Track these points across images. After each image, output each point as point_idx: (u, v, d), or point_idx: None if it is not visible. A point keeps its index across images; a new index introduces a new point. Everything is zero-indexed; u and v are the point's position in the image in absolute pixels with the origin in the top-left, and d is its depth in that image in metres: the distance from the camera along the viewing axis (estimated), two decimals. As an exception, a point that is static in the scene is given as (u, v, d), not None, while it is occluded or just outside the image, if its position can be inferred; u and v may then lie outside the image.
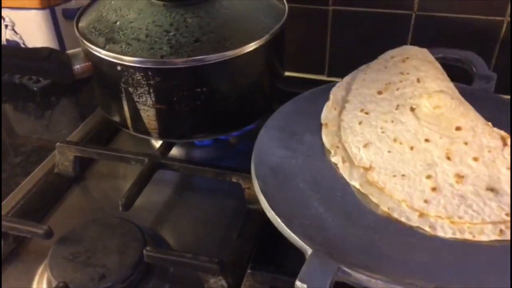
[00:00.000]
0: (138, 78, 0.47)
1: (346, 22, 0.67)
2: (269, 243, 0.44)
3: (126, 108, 0.51)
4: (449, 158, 0.41)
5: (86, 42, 0.49)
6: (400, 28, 0.65)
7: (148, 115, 0.50)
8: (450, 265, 0.35)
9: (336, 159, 0.44)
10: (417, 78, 0.49)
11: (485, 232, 0.36)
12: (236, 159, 0.55)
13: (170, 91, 0.48)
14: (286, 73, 0.60)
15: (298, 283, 0.32)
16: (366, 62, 0.54)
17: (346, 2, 0.65)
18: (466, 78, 0.53)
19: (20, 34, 0.72)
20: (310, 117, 0.49)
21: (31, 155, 0.60)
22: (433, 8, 0.63)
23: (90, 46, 0.49)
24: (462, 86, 0.50)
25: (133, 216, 0.46)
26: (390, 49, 0.54)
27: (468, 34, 0.63)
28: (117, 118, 0.53)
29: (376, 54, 0.54)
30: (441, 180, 0.39)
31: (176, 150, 0.57)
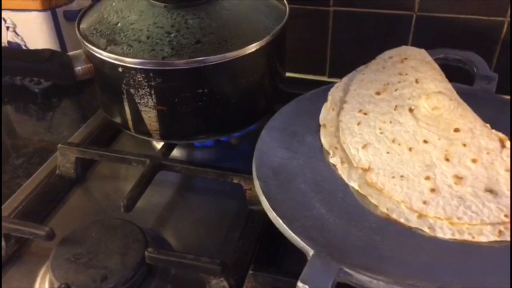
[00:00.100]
0: (139, 79, 0.47)
1: (347, 23, 0.67)
2: (270, 244, 0.44)
3: (127, 109, 0.51)
4: (447, 160, 0.41)
5: (87, 44, 0.49)
6: (401, 28, 0.65)
7: (149, 117, 0.50)
8: (451, 266, 0.35)
9: (334, 160, 0.43)
10: (415, 79, 0.49)
11: (484, 233, 0.36)
12: (237, 160, 0.55)
13: (171, 93, 0.48)
14: (287, 74, 0.60)
15: (300, 284, 0.32)
16: (367, 62, 0.54)
17: (347, 3, 0.66)
18: (467, 78, 0.53)
19: (21, 36, 0.72)
20: (311, 118, 0.49)
21: (33, 157, 0.60)
22: (434, 8, 0.63)
23: (92, 47, 0.49)
24: (463, 86, 0.50)
25: (134, 217, 0.46)
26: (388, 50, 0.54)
27: (469, 34, 0.63)
28: (118, 120, 0.53)
29: (377, 55, 0.54)
30: (440, 181, 0.40)
31: (177, 151, 0.57)
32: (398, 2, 0.64)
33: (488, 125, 0.43)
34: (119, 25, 0.50)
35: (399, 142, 0.43)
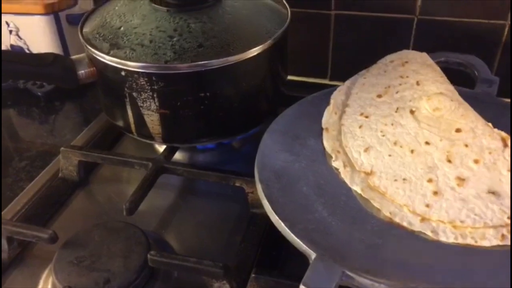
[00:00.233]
0: (142, 83, 0.48)
1: (349, 26, 0.67)
2: (273, 247, 0.44)
3: (130, 113, 0.51)
4: (449, 161, 0.41)
5: (90, 48, 0.50)
6: (402, 32, 0.65)
7: (152, 120, 0.50)
8: (454, 268, 0.35)
9: (337, 164, 0.43)
10: (416, 81, 0.49)
11: (486, 237, 0.36)
12: (239, 163, 0.55)
13: (174, 96, 0.48)
14: (289, 77, 0.60)
15: None
16: (368, 66, 0.54)
17: (348, 7, 0.66)
18: (468, 81, 0.53)
19: (24, 39, 0.72)
20: (313, 121, 0.49)
21: (36, 160, 0.60)
22: (435, 12, 0.63)
23: (95, 51, 0.49)
24: (464, 90, 0.50)
25: (137, 220, 0.46)
26: (393, 53, 0.55)
27: (470, 37, 0.63)
28: (121, 123, 0.54)
29: (378, 58, 0.54)
30: (442, 183, 0.39)
31: (179, 155, 0.57)
32: (399, 5, 0.64)
33: (490, 124, 0.43)
34: (122, 29, 0.50)
35: (401, 144, 0.43)
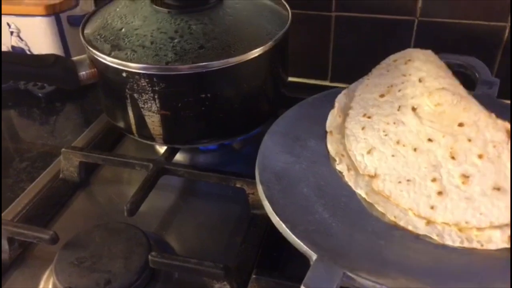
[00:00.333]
0: (143, 84, 0.48)
1: (349, 28, 0.67)
2: (273, 249, 0.44)
3: (131, 114, 0.51)
4: (453, 158, 0.40)
5: (91, 49, 0.50)
6: (402, 33, 0.66)
7: (153, 121, 0.50)
8: (455, 270, 0.35)
9: (341, 167, 0.43)
10: (418, 78, 0.47)
11: (493, 240, 0.36)
12: (240, 165, 0.55)
13: (174, 97, 0.49)
14: (290, 78, 0.60)
15: (303, 289, 0.32)
16: (369, 67, 0.54)
17: (348, 8, 0.66)
18: (469, 83, 0.53)
19: (25, 40, 0.73)
20: (314, 122, 0.49)
21: (37, 161, 0.60)
22: (435, 14, 0.63)
23: (96, 53, 0.49)
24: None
25: (138, 221, 0.46)
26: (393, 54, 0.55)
27: (470, 39, 0.63)
28: (122, 124, 0.54)
29: (378, 60, 0.54)
30: (446, 182, 0.39)
31: (180, 156, 0.57)
32: (399, 7, 0.64)
33: (493, 114, 0.42)
34: (123, 30, 0.50)
35: (404, 143, 0.42)
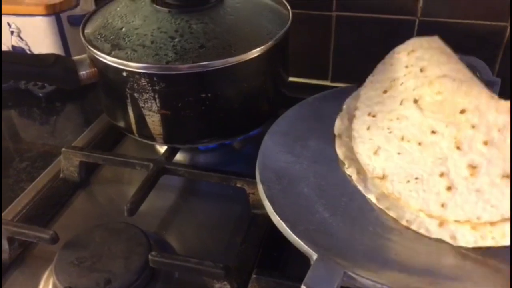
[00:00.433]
0: (143, 84, 0.48)
1: (350, 28, 0.67)
2: (274, 248, 0.44)
3: (131, 113, 0.51)
4: (458, 148, 0.39)
5: (92, 49, 0.50)
6: (403, 33, 0.65)
7: (153, 121, 0.50)
8: (456, 270, 0.34)
9: (350, 171, 0.43)
10: (420, 68, 0.46)
11: (506, 234, 0.35)
12: (240, 164, 0.55)
13: (175, 97, 0.48)
14: (290, 78, 0.60)
15: (303, 288, 0.32)
16: (369, 67, 0.53)
17: (349, 8, 0.66)
18: (470, 83, 0.53)
19: (26, 40, 0.73)
20: (314, 122, 0.49)
21: (37, 161, 0.60)
22: (436, 13, 0.63)
23: (96, 52, 0.49)
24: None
25: (138, 221, 0.46)
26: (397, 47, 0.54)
27: (471, 39, 0.63)
28: (122, 124, 0.54)
29: (379, 60, 0.54)
30: (454, 175, 0.38)
31: (180, 155, 0.57)
32: (400, 7, 0.64)
33: (495, 95, 0.40)
34: (124, 30, 0.50)
35: (408, 138, 0.41)
